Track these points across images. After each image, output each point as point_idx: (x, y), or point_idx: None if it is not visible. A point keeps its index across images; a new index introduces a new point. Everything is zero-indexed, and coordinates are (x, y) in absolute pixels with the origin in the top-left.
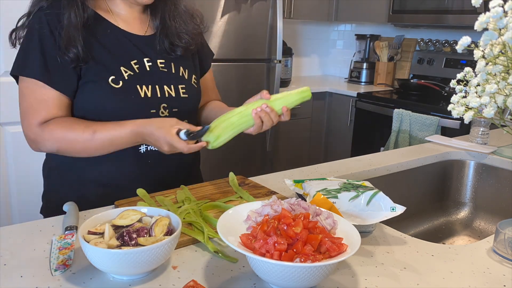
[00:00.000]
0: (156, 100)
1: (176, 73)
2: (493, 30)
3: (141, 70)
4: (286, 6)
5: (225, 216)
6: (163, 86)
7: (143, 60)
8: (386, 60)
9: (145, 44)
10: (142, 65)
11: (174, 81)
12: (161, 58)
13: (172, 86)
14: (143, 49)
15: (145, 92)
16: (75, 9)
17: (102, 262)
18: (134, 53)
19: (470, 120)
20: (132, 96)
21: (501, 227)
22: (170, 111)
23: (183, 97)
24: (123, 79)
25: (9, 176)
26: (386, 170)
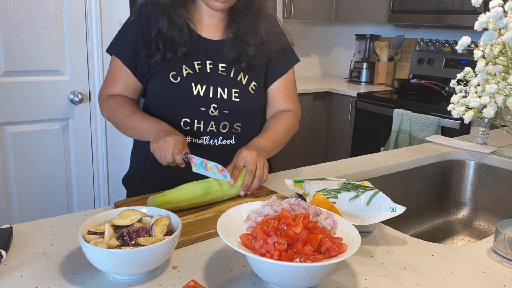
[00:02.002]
0: (207, 100)
1: (234, 77)
2: (493, 30)
3: (201, 71)
4: (286, 6)
5: (225, 216)
6: (217, 88)
7: (205, 62)
8: (386, 60)
9: (213, 48)
10: (204, 67)
11: (229, 84)
12: (224, 62)
13: (226, 89)
14: (210, 52)
15: (198, 91)
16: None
17: (102, 262)
18: (200, 55)
19: (470, 120)
20: (185, 92)
21: (501, 227)
22: (220, 112)
23: (235, 100)
24: (181, 76)
25: (9, 176)
26: (386, 170)
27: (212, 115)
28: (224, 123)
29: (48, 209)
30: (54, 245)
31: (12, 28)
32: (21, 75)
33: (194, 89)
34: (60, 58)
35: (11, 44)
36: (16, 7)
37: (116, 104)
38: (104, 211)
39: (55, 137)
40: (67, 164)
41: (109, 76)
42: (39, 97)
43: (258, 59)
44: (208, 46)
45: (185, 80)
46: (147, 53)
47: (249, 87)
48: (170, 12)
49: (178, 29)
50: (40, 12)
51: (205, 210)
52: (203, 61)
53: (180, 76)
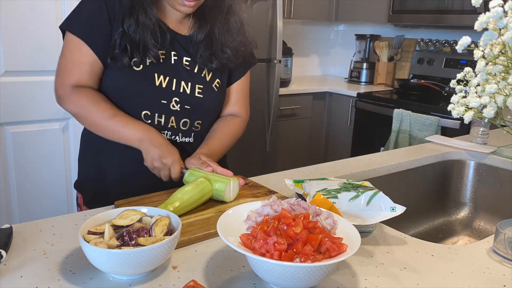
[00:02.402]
0: (169, 92)
1: (198, 72)
2: (493, 30)
3: (165, 61)
4: (286, 6)
5: (225, 216)
6: (180, 81)
7: (170, 53)
8: (386, 60)
9: (179, 42)
10: (168, 57)
11: (193, 79)
12: (188, 56)
13: (189, 83)
14: (175, 45)
15: (161, 82)
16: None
17: (102, 262)
18: (164, 42)
19: (470, 120)
20: (147, 82)
21: (501, 227)
22: (181, 106)
23: (198, 96)
24: (144, 64)
25: (9, 176)
26: (386, 170)
27: (173, 109)
28: (184, 120)
29: (48, 209)
30: (54, 245)
31: (12, 28)
32: (21, 75)
33: (157, 80)
34: None
35: (11, 44)
36: (16, 7)
37: (88, 100)
38: (104, 211)
39: (55, 137)
40: (67, 164)
41: (70, 61)
42: (39, 97)
43: (232, 61)
44: (173, 39)
45: (148, 68)
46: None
47: (212, 84)
48: (138, 13)
49: (151, 31)
50: (40, 13)
51: (205, 210)
52: (168, 52)
53: (143, 64)
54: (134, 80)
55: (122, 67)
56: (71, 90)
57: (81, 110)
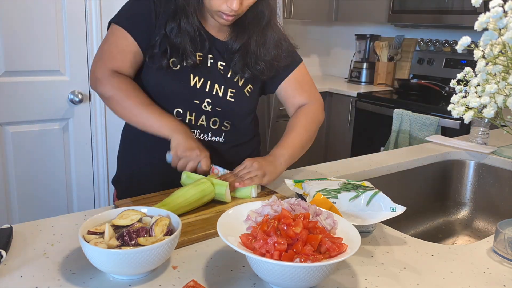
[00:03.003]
0: (202, 93)
1: (231, 77)
2: (493, 30)
3: (201, 63)
4: (286, 6)
5: (225, 216)
6: (214, 84)
7: (207, 56)
8: (386, 60)
9: (216, 46)
10: (205, 60)
11: (226, 83)
12: (223, 61)
13: (222, 86)
14: (212, 48)
15: (196, 83)
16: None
17: (102, 262)
18: (203, 48)
19: (470, 120)
20: (182, 81)
21: (501, 227)
22: (213, 108)
23: (229, 100)
24: (181, 64)
25: (9, 176)
26: (386, 170)
27: (205, 109)
28: (214, 119)
29: (48, 209)
30: (54, 245)
31: (12, 28)
32: (21, 75)
33: (192, 80)
34: (60, 58)
35: (11, 44)
36: (16, 7)
37: (127, 84)
38: (104, 211)
39: (55, 137)
40: (67, 164)
41: (114, 48)
42: (39, 97)
43: (266, 74)
44: (212, 42)
45: (185, 69)
46: (152, 58)
47: (244, 89)
48: (180, 19)
49: (190, 38)
50: (40, 12)
51: (205, 210)
52: (205, 55)
53: (180, 64)
54: (170, 79)
55: (160, 68)
56: (111, 74)
57: (119, 93)
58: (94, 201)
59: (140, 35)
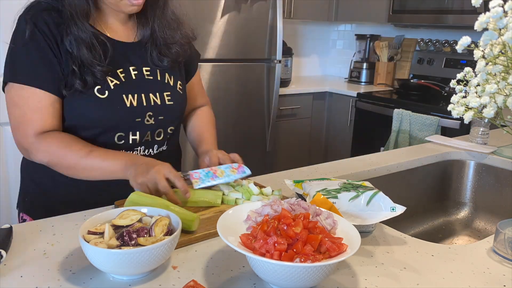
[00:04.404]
0: (142, 109)
1: (161, 80)
2: (493, 30)
3: (127, 79)
4: (286, 6)
5: (225, 216)
6: (148, 95)
7: (129, 68)
8: (386, 60)
9: (132, 52)
10: (128, 74)
11: (160, 88)
12: (147, 65)
13: (157, 94)
14: (129, 57)
15: (131, 101)
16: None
17: (102, 262)
18: (120, 61)
19: (470, 120)
20: (118, 106)
21: (501, 227)
22: (155, 119)
23: (169, 104)
24: (109, 89)
25: (9, 176)
26: (386, 170)
27: (148, 123)
28: (159, 131)
29: None
30: (54, 245)
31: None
32: None
33: (127, 101)
34: None
35: None
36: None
37: (58, 143)
38: (104, 211)
39: None
40: None
41: (28, 111)
42: None
43: (181, 54)
44: (126, 50)
45: (114, 92)
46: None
47: (177, 88)
48: (71, 28)
49: (87, 46)
50: None
51: (205, 210)
52: (126, 68)
53: (108, 89)
54: (103, 108)
55: (78, 92)
56: (37, 139)
57: (54, 156)
58: None
59: (48, 82)
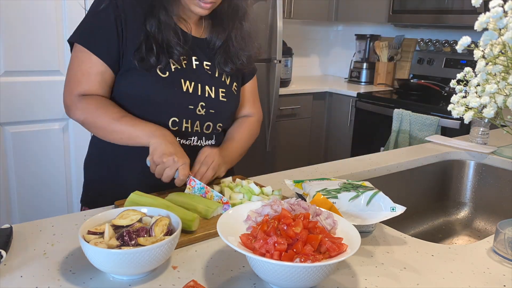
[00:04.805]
0: (196, 97)
1: (219, 77)
2: (493, 30)
3: (188, 67)
4: (286, 6)
5: (225, 216)
6: (204, 86)
7: (191, 58)
8: (386, 60)
9: (197, 45)
10: (190, 63)
11: (216, 83)
12: (208, 60)
13: (213, 87)
14: (194, 49)
15: (188, 87)
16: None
17: (102, 262)
18: (185, 50)
19: (470, 120)
20: (175, 88)
21: (501, 227)
22: (207, 111)
23: (222, 100)
24: (169, 70)
25: (9, 176)
26: (386, 170)
27: (199, 114)
28: (208, 123)
29: (48, 209)
30: (54, 245)
31: (12, 28)
32: (21, 75)
33: (184, 85)
34: (60, 58)
35: (11, 44)
36: (16, 7)
37: (95, 105)
38: (104, 211)
39: (55, 137)
40: (67, 164)
41: (78, 72)
42: (39, 97)
43: (247, 66)
44: (192, 43)
45: (174, 75)
46: (138, 57)
47: (232, 88)
48: (159, 13)
49: (172, 30)
50: (40, 12)
51: None
52: (189, 57)
53: (169, 71)
54: (161, 87)
55: (149, 69)
56: (78, 99)
57: (89, 115)
58: None
59: (104, 52)
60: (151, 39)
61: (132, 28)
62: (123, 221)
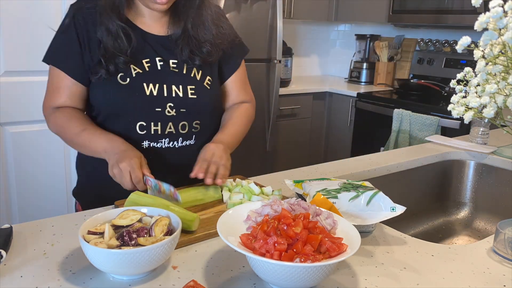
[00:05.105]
0: (161, 99)
1: (187, 73)
2: (493, 30)
3: (151, 69)
4: (286, 6)
5: (225, 216)
6: (171, 86)
7: (155, 59)
8: (386, 60)
9: (161, 44)
10: (154, 64)
11: (184, 81)
12: (174, 58)
13: (180, 86)
14: (157, 49)
15: (151, 90)
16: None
17: (102, 262)
18: (148, 52)
19: (470, 120)
20: (137, 93)
21: (501, 227)
22: (177, 110)
23: (191, 97)
24: (130, 77)
25: (9, 176)
26: (386, 170)
27: (169, 115)
28: (183, 123)
29: (48, 209)
30: (54, 245)
31: (12, 28)
32: (21, 75)
33: (147, 89)
34: None
35: (11, 44)
36: (16, 7)
37: (63, 118)
38: (104, 211)
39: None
40: (67, 164)
41: (51, 87)
42: (39, 97)
43: (213, 54)
44: (156, 43)
45: (135, 80)
46: (92, 70)
47: (204, 83)
48: (103, 19)
49: (113, 37)
50: (40, 12)
51: (205, 210)
52: (152, 58)
53: (129, 77)
54: (122, 94)
55: (102, 79)
56: (52, 111)
57: (58, 129)
58: None
59: (70, 67)
60: (101, 50)
61: (93, 42)
62: (123, 221)
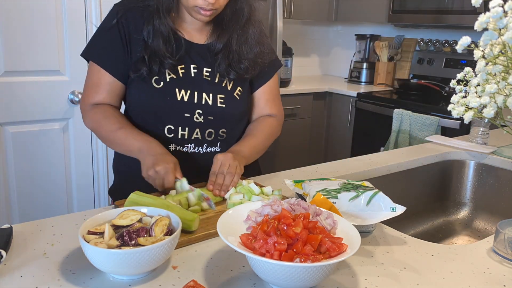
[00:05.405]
0: (191, 105)
1: (219, 83)
2: (493, 30)
3: (185, 75)
4: (286, 6)
5: (225, 216)
6: (201, 93)
7: (190, 66)
8: (386, 60)
9: (198, 52)
10: (188, 71)
11: (214, 90)
12: (208, 67)
13: (210, 94)
14: (193, 56)
15: (183, 96)
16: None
17: (102, 262)
18: (184, 58)
19: (470, 120)
20: (168, 97)
21: (501, 227)
22: (205, 118)
23: (220, 106)
24: (164, 81)
25: (9, 176)
26: (386, 170)
27: (197, 121)
28: (209, 130)
29: (48, 209)
30: (54, 245)
31: (12, 28)
32: (21, 75)
33: (178, 95)
34: (60, 58)
35: (11, 44)
36: (16, 7)
37: (101, 115)
38: (104, 211)
39: (55, 137)
40: (67, 164)
41: (90, 83)
42: (39, 97)
43: (250, 72)
44: (193, 50)
45: (168, 85)
46: (133, 67)
47: (234, 93)
48: (154, 20)
49: (164, 39)
50: (40, 12)
51: (205, 210)
52: (187, 65)
53: (163, 81)
54: (155, 97)
55: (142, 78)
56: (90, 108)
57: (94, 124)
58: (94, 201)
59: (112, 65)
60: (145, 49)
61: (135, 44)
62: (123, 221)
